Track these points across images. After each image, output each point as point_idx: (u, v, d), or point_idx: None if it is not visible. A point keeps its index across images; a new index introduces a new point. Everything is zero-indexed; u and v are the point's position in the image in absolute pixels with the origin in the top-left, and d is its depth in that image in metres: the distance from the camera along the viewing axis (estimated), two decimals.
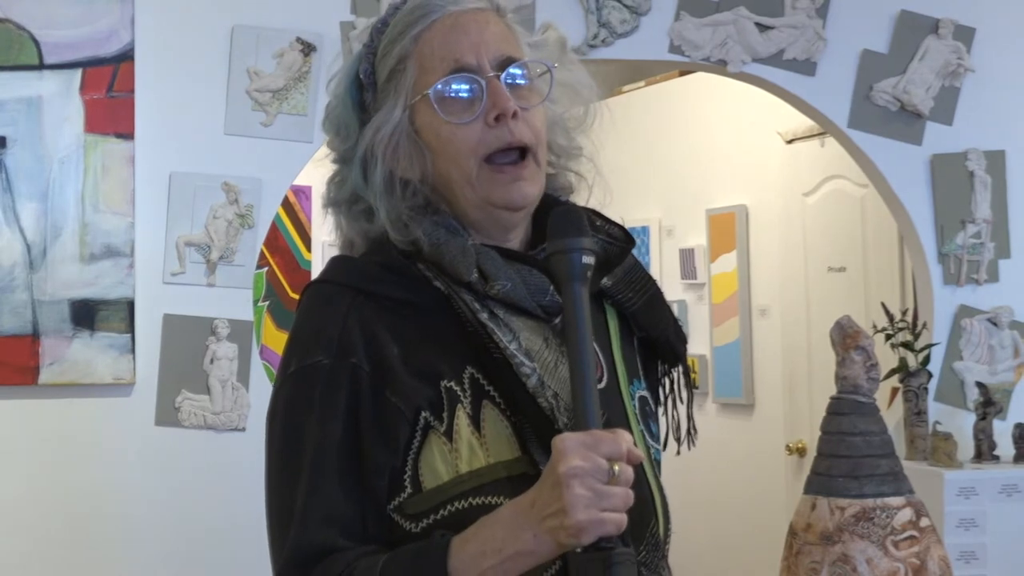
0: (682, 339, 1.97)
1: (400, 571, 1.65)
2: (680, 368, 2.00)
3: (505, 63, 1.80)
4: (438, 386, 1.74)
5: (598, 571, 1.57)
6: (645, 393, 1.93)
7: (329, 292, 1.80)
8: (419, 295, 1.79)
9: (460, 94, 1.80)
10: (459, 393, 1.74)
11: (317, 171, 2.00)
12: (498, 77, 1.79)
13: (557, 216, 1.74)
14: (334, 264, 1.86)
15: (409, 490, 1.72)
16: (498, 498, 1.70)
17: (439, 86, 1.79)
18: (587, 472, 1.57)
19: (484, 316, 1.76)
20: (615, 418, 1.79)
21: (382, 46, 1.84)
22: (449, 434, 1.72)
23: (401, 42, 1.82)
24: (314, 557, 1.69)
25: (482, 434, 1.73)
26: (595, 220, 1.89)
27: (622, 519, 1.58)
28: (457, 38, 1.80)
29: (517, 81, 1.82)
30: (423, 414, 1.72)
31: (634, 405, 1.89)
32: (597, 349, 1.83)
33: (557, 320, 1.80)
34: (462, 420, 1.73)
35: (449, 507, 1.71)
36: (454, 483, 1.71)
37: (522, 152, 1.80)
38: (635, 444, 1.63)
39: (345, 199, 1.86)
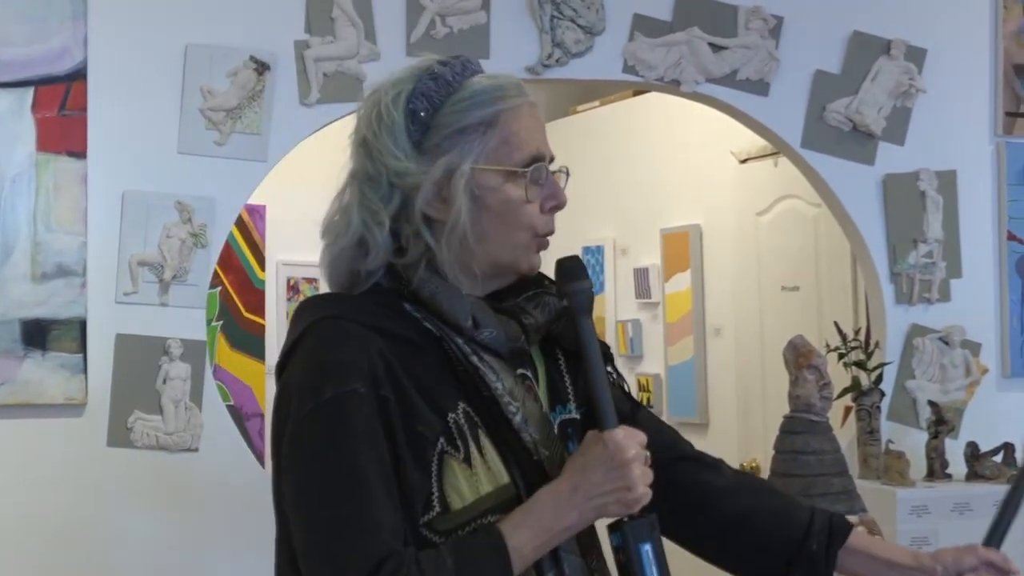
0: (605, 346, 2.19)
1: (466, 552, 1.93)
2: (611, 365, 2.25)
3: (552, 160, 2.12)
4: (446, 417, 2.00)
5: (648, 531, 2.00)
6: (568, 416, 2.19)
7: (346, 327, 2.00)
8: (417, 334, 2.03)
9: (541, 179, 2.08)
10: (464, 424, 2.01)
11: (271, 190, 2.03)
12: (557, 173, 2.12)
13: (567, 262, 2.07)
14: (339, 301, 2.08)
15: (438, 509, 1.98)
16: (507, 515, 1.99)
17: (535, 169, 2.07)
18: (640, 457, 1.98)
19: (475, 359, 2.03)
20: (543, 439, 2.07)
21: (455, 101, 2.06)
22: (468, 460, 2.00)
23: (484, 109, 2.05)
24: (384, 562, 1.88)
25: (486, 460, 2.02)
26: (544, 280, 2.18)
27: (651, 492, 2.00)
28: (537, 127, 2.10)
29: None
30: (440, 441, 1.98)
31: (553, 429, 2.13)
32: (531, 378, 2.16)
33: (520, 370, 2.11)
34: (473, 448, 2.01)
35: (473, 524, 1.98)
36: (479, 502, 1.99)
37: None
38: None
39: (378, 224, 2.05)
